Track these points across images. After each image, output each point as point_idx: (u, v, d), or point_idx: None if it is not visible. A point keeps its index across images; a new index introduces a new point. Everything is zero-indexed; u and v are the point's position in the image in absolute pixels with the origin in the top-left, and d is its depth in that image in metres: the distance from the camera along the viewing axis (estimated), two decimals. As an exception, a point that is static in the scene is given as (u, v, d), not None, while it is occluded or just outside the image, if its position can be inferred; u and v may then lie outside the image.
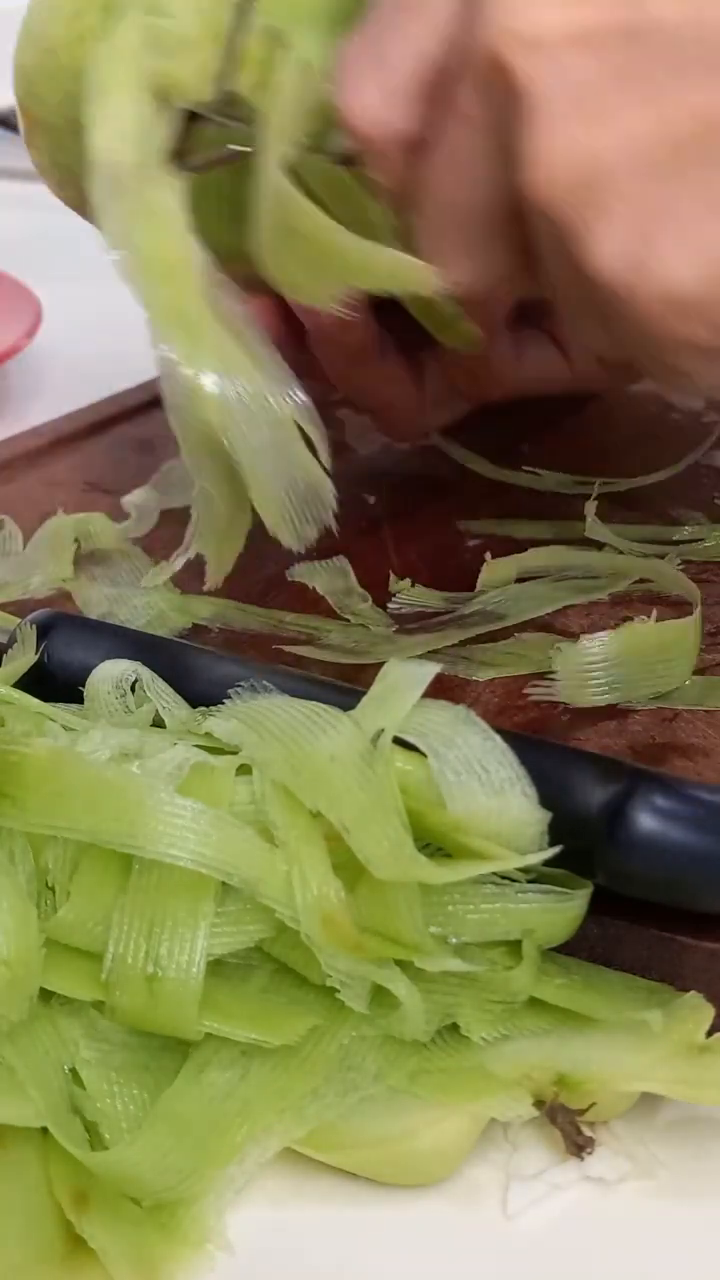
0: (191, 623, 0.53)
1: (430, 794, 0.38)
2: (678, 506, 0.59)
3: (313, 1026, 0.37)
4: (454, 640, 0.51)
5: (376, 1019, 0.37)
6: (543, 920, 0.38)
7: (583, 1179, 0.37)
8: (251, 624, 0.53)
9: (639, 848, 0.38)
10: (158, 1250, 0.34)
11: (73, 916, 0.37)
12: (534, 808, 0.38)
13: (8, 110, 0.49)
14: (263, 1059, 0.37)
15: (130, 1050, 0.37)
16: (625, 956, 0.39)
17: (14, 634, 0.47)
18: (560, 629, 0.52)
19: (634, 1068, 0.37)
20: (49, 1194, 0.36)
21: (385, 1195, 0.37)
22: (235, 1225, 0.35)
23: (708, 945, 0.39)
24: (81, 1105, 0.37)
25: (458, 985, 0.38)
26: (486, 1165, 0.38)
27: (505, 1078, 0.37)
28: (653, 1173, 0.37)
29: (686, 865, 0.38)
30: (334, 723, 0.38)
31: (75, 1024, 0.37)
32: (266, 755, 0.38)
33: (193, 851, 0.36)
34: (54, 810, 0.37)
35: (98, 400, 0.69)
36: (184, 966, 0.36)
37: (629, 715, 0.47)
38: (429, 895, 0.37)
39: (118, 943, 0.37)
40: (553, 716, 0.47)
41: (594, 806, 0.39)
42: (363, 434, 0.67)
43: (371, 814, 0.37)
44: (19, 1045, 0.36)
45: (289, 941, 0.37)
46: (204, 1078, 0.37)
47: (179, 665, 0.45)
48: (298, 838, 0.37)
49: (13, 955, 0.36)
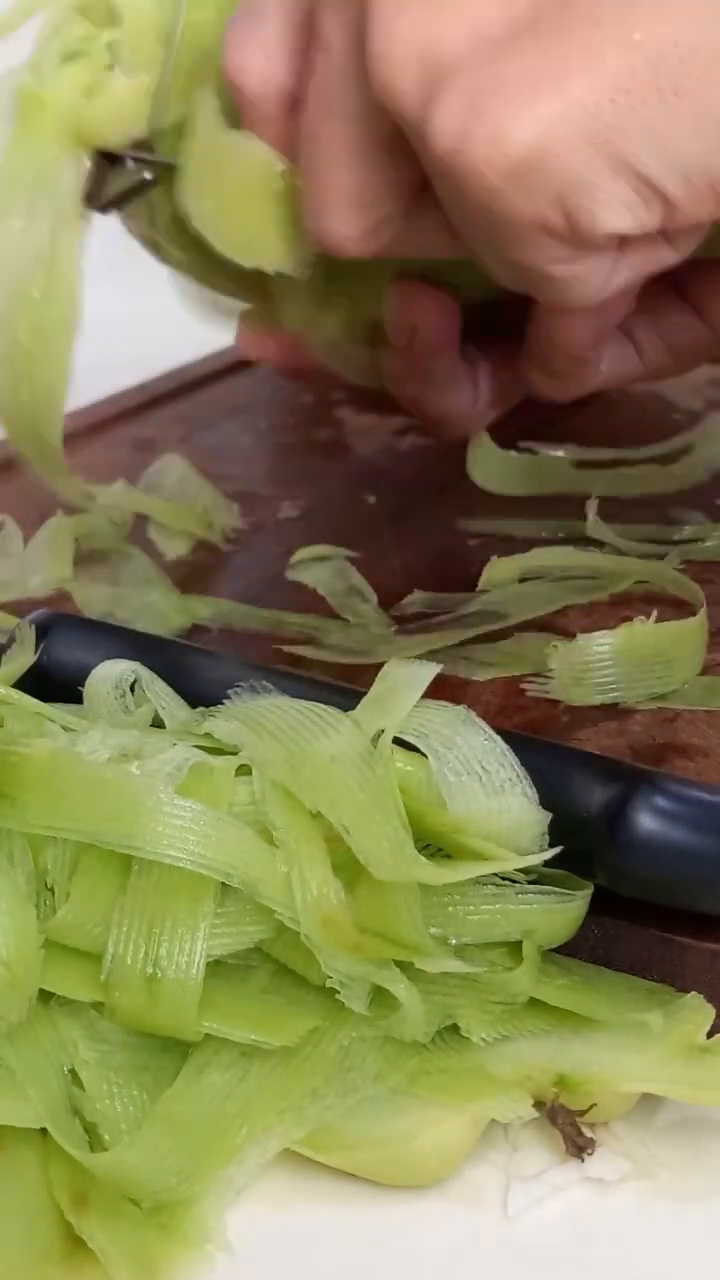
0: (191, 623, 0.53)
1: (430, 794, 0.38)
2: (678, 506, 0.59)
3: (313, 1027, 0.37)
4: (454, 640, 0.51)
5: (376, 1020, 0.37)
6: (543, 921, 0.38)
7: (583, 1180, 0.37)
8: (251, 624, 0.53)
9: (639, 848, 0.38)
10: (157, 1251, 0.34)
11: (72, 917, 0.37)
12: (534, 808, 0.38)
13: (8, 111, 0.49)
14: (262, 1060, 0.37)
15: (130, 1051, 0.37)
16: (625, 957, 0.39)
17: (13, 634, 0.47)
18: (560, 629, 0.52)
19: (634, 1069, 0.37)
20: (48, 1195, 0.36)
21: (385, 1196, 0.37)
22: (235, 1226, 0.35)
23: (708, 946, 0.39)
24: (81, 1106, 0.37)
25: (458, 986, 0.38)
26: (486, 1166, 0.37)
27: (505, 1079, 0.37)
28: (653, 1173, 0.37)
29: (686, 865, 0.38)
30: (334, 723, 0.38)
31: (75, 1025, 0.37)
32: (266, 756, 0.38)
33: (192, 852, 0.36)
34: (53, 811, 0.37)
35: (98, 400, 0.69)
36: (183, 967, 0.36)
37: (629, 715, 0.47)
38: (429, 896, 0.37)
39: (117, 943, 0.37)
40: (553, 716, 0.47)
41: (594, 807, 0.38)
42: (363, 434, 0.67)
43: (371, 814, 0.37)
44: (18, 1046, 0.36)
45: (289, 942, 0.37)
46: (203, 1079, 0.37)
47: (179, 665, 0.45)
48: (297, 838, 0.37)
49: (12, 956, 0.36)
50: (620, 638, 0.47)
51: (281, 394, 0.72)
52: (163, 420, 0.69)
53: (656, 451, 0.62)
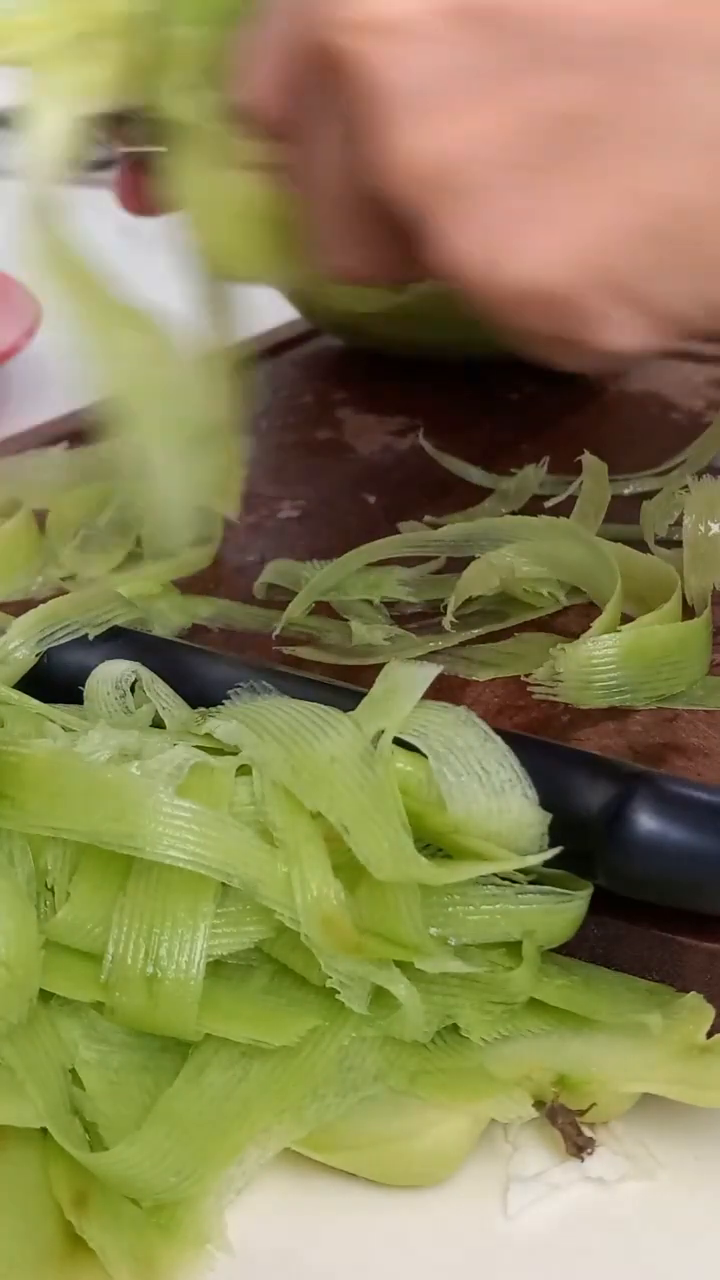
0: (191, 623, 0.53)
1: (430, 795, 0.38)
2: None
3: (313, 1027, 0.37)
4: (454, 640, 0.51)
5: (376, 1020, 0.37)
6: (543, 921, 0.38)
7: (583, 1179, 0.37)
8: (251, 624, 0.53)
9: (639, 848, 0.38)
10: (157, 1251, 0.34)
11: (72, 917, 0.37)
12: (534, 809, 0.38)
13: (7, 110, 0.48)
14: (263, 1060, 0.37)
15: (130, 1051, 0.37)
16: (625, 957, 0.39)
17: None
18: (560, 629, 0.52)
19: (634, 1068, 0.37)
20: (49, 1194, 0.36)
21: (385, 1196, 0.37)
22: (235, 1226, 0.35)
23: (708, 946, 0.39)
24: (81, 1106, 0.37)
25: (458, 986, 0.38)
26: (487, 1166, 0.37)
27: (505, 1078, 0.37)
28: (653, 1173, 0.37)
29: (686, 865, 0.38)
30: (334, 724, 0.38)
31: (75, 1025, 0.37)
32: (266, 756, 0.38)
33: (192, 852, 0.36)
34: (53, 811, 0.37)
35: (97, 400, 0.69)
36: (184, 967, 0.36)
37: (629, 716, 0.47)
38: (429, 896, 0.37)
39: (117, 944, 0.37)
40: (553, 717, 0.47)
41: (594, 807, 0.38)
42: (362, 434, 0.67)
43: (372, 815, 0.37)
44: (19, 1046, 0.36)
45: (289, 942, 0.37)
46: (204, 1078, 0.37)
47: (179, 665, 0.45)
48: (298, 839, 0.37)
49: (12, 957, 0.36)
50: (625, 639, 0.47)
51: (282, 394, 0.72)
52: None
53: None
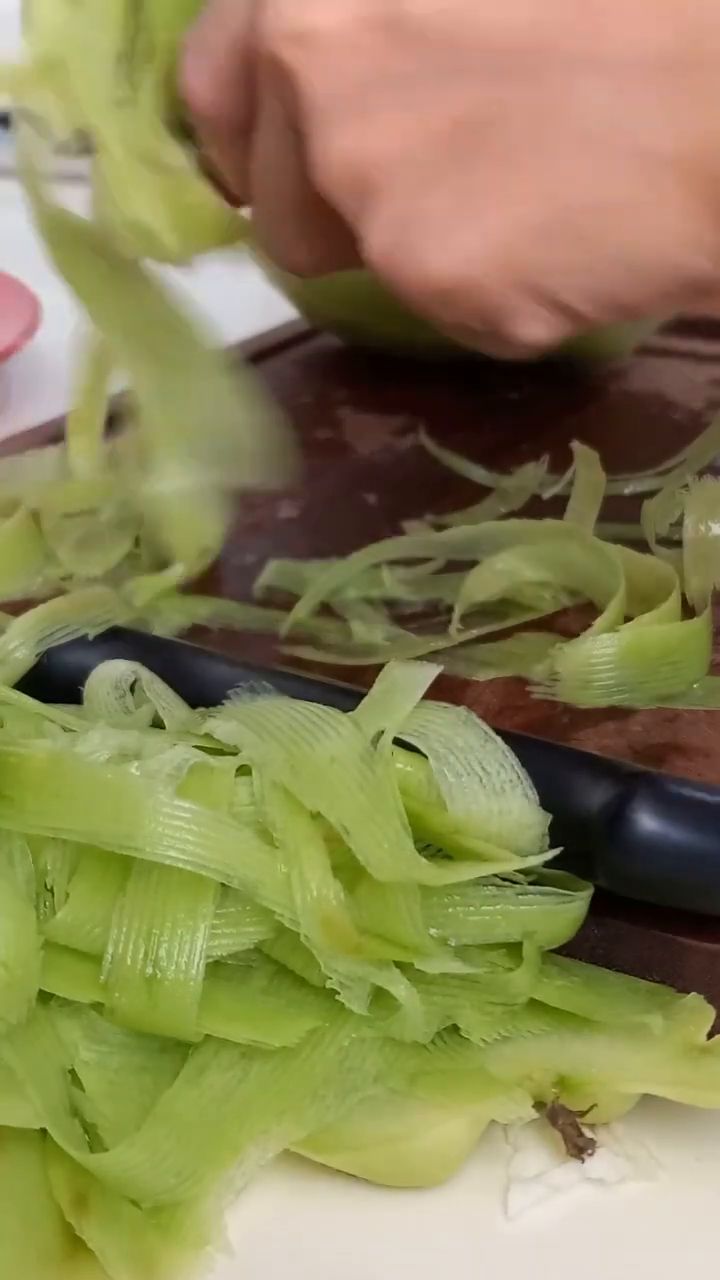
0: (191, 623, 0.53)
1: (430, 795, 0.38)
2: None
3: (312, 1028, 0.37)
4: (454, 640, 0.51)
5: (376, 1021, 0.37)
6: (543, 922, 0.38)
7: (583, 1180, 0.37)
8: (251, 624, 0.53)
9: (639, 849, 0.38)
10: (157, 1252, 0.34)
11: (71, 918, 0.37)
12: (534, 809, 0.38)
13: (6, 110, 0.48)
14: (262, 1061, 0.37)
15: (129, 1052, 0.37)
16: (626, 958, 0.39)
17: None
18: (560, 629, 0.52)
19: (634, 1069, 0.37)
20: (48, 1196, 0.36)
21: (385, 1197, 0.37)
22: (235, 1227, 0.35)
23: (708, 946, 0.39)
24: (81, 1107, 0.37)
25: (458, 987, 0.38)
26: (487, 1167, 0.37)
27: (506, 1079, 0.37)
28: (653, 1174, 0.37)
29: (686, 866, 0.38)
30: (334, 724, 0.38)
31: (74, 1025, 0.37)
32: (266, 756, 0.38)
33: (192, 853, 0.36)
34: (52, 812, 0.37)
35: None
36: (183, 968, 0.36)
37: (629, 716, 0.47)
38: (429, 897, 0.37)
39: (117, 944, 0.37)
40: (553, 717, 0.47)
41: (594, 808, 0.38)
42: (362, 434, 0.67)
43: (371, 815, 0.37)
44: (18, 1047, 0.36)
45: (288, 943, 0.37)
46: (203, 1079, 0.37)
47: (179, 665, 0.45)
48: (297, 839, 0.37)
49: (12, 957, 0.36)
50: (624, 638, 0.47)
51: (281, 394, 0.72)
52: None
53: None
